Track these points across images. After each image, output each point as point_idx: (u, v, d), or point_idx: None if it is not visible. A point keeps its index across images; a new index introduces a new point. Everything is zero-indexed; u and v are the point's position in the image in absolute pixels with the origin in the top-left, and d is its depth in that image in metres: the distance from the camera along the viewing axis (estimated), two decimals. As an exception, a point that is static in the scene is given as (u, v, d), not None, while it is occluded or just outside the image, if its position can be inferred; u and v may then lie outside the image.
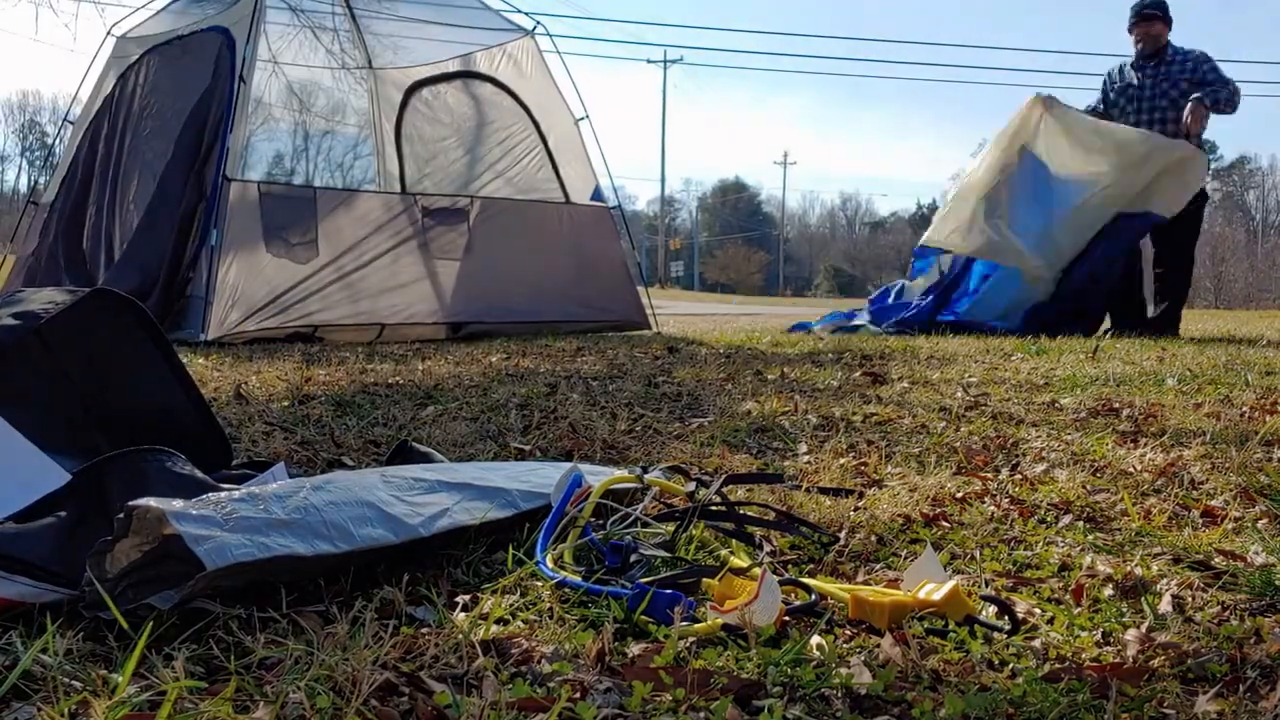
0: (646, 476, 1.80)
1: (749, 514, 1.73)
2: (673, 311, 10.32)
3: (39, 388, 1.79)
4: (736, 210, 68.53)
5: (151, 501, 1.23)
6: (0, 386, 1.67)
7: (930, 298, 7.11)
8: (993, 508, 1.93)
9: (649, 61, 47.45)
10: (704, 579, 1.40)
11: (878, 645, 1.23)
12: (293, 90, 8.36)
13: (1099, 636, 1.28)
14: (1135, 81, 6.66)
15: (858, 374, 4.26)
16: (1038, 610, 1.37)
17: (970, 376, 4.15)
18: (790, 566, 1.58)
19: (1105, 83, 6.88)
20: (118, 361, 1.89)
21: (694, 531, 1.64)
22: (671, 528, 1.64)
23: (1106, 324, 6.76)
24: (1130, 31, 6.66)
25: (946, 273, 7.18)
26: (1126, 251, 6.59)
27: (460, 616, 1.30)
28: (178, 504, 1.25)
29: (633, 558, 1.46)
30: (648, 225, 59.48)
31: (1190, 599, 1.42)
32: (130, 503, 1.23)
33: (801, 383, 4.03)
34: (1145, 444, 2.57)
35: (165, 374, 1.91)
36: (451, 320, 6.67)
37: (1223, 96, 6.35)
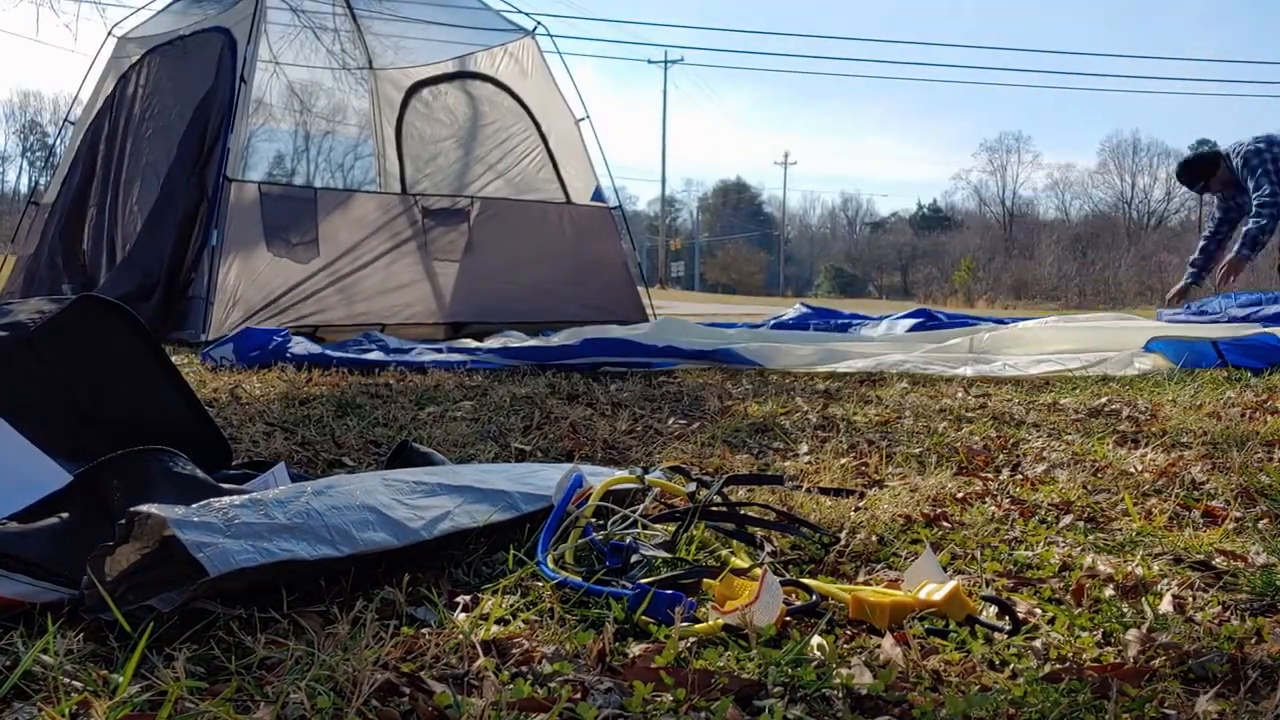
0: (647, 477, 1.80)
1: (750, 514, 1.73)
2: (674, 311, 10.35)
3: (33, 397, 1.79)
4: (737, 210, 68.46)
5: (153, 508, 1.23)
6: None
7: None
8: (993, 508, 1.93)
9: (649, 61, 47.39)
10: (705, 579, 1.40)
11: (878, 645, 1.23)
12: (293, 91, 8.36)
13: (1100, 637, 1.28)
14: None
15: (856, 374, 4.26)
16: (1038, 610, 1.37)
17: (970, 375, 4.15)
18: (791, 567, 1.58)
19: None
20: (110, 366, 1.89)
21: (695, 532, 1.64)
22: (672, 528, 1.64)
23: None
24: (1202, 194, 6.58)
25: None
26: None
27: (461, 617, 1.30)
28: (179, 511, 1.25)
29: (633, 558, 1.47)
30: (648, 225, 59.42)
31: (1191, 599, 1.42)
32: (132, 508, 1.23)
33: (802, 383, 4.03)
34: (1146, 444, 2.57)
35: (159, 376, 1.91)
36: (452, 320, 6.67)
37: (1255, 230, 6.23)
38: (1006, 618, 1.31)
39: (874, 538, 1.71)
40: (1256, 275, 7.80)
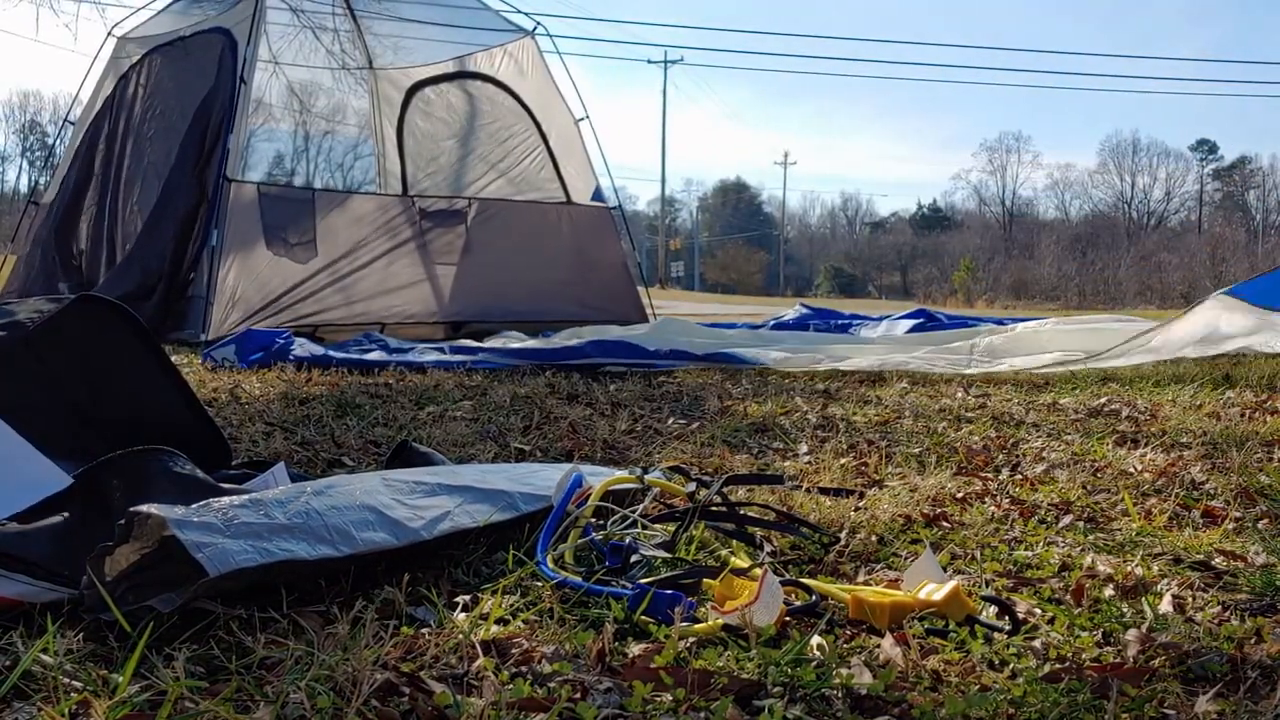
0: (647, 477, 1.80)
1: (749, 514, 1.73)
2: (674, 312, 10.37)
3: (32, 397, 1.79)
4: (737, 210, 68.39)
5: (153, 508, 1.23)
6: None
7: None
8: (993, 508, 1.93)
9: (649, 61, 47.32)
10: (705, 579, 1.40)
11: (878, 645, 1.23)
12: (293, 91, 8.36)
13: (1099, 637, 1.28)
14: None
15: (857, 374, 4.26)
16: (1038, 610, 1.37)
17: (972, 374, 4.15)
18: (791, 567, 1.58)
19: None
20: (110, 366, 1.89)
21: (694, 532, 1.64)
22: (672, 528, 1.64)
23: None
24: None
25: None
26: None
27: (461, 617, 1.30)
28: (179, 511, 1.25)
29: (633, 558, 1.47)
30: (648, 225, 59.37)
31: (1191, 599, 1.42)
32: (132, 508, 1.23)
33: (802, 383, 4.03)
34: (1146, 444, 2.57)
35: (158, 376, 1.91)
36: (451, 320, 6.67)
37: None
38: (1006, 618, 1.31)
39: (874, 538, 1.71)
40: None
